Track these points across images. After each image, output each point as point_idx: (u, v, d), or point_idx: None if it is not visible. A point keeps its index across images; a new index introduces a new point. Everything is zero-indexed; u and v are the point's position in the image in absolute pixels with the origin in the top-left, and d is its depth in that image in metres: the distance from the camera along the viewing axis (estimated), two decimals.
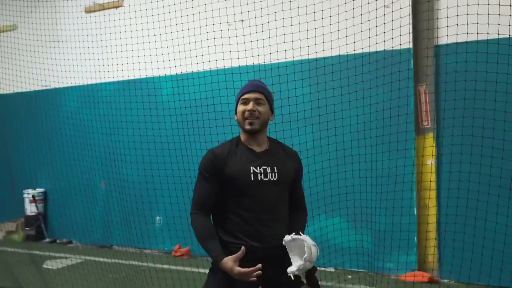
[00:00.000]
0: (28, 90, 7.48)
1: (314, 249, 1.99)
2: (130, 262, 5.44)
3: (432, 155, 4.54)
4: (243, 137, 2.24)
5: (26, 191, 7.33)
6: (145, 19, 5.85)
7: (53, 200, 7.45)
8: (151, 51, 6.09)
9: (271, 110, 2.26)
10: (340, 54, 4.67)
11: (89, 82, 6.92)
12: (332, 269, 5.06)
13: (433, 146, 4.56)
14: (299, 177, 2.34)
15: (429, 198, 4.55)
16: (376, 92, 4.59)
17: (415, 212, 4.67)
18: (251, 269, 1.94)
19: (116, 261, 5.56)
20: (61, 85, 7.10)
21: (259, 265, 1.95)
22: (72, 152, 7.05)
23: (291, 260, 2.01)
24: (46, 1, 7.19)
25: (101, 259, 5.79)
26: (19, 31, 7.57)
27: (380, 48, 4.43)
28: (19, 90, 7.51)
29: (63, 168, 7.23)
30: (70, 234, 7.15)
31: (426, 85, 4.57)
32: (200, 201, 2.14)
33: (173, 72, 5.92)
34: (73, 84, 6.96)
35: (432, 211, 4.55)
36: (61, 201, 7.30)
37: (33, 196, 7.16)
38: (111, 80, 6.52)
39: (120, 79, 6.35)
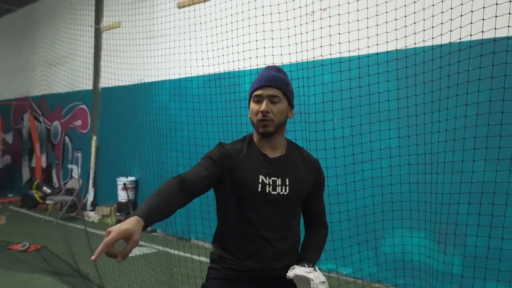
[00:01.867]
0: (127, 84, 7.93)
1: (312, 276, 1.57)
2: (200, 258, 5.38)
3: None
4: (256, 138, 1.86)
5: (119, 179, 7.76)
6: (229, 11, 5.76)
7: (143, 189, 7.79)
8: (238, 47, 5.96)
9: (291, 105, 1.85)
10: (433, 44, 4.00)
11: (178, 77, 7.06)
12: None
13: None
14: (319, 191, 1.92)
15: None
16: (478, 85, 3.82)
17: None
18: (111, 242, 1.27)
19: (187, 255, 5.56)
20: (154, 79, 7.40)
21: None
22: (162, 143, 7.28)
23: None
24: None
25: (174, 252, 5.83)
26: (122, 29, 8.07)
27: (477, 36, 3.66)
28: (120, 84, 8.01)
29: (153, 158, 7.51)
30: (156, 223, 7.39)
31: None
32: (186, 174, 1.69)
33: (254, 66, 5.72)
34: (164, 79, 7.18)
35: None
36: (151, 189, 7.58)
37: (124, 184, 7.56)
38: (199, 74, 6.59)
39: (206, 73, 6.38)
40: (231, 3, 5.81)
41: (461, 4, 3.61)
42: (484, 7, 3.47)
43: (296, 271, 1.63)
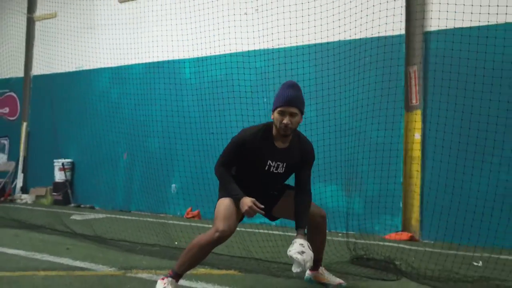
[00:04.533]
0: (63, 71, 8.31)
1: (301, 258, 2.45)
2: (147, 219, 6.11)
3: (418, 129, 5.11)
4: (274, 132, 2.67)
5: (56, 160, 8.09)
6: (169, 6, 6.62)
7: (80, 170, 8.21)
8: (176, 37, 6.80)
9: (302, 114, 2.68)
10: (340, 39, 5.30)
11: (119, 64, 7.64)
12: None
13: (420, 122, 5.12)
14: (306, 167, 2.78)
15: (414, 168, 5.10)
16: (370, 74, 5.21)
17: (401, 180, 5.23)
18: (259, 210, 2.55)
19: (134, 218, 6.24)
20: (93, 67, 7.93)
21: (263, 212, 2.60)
22: (100, 127, 7.81)
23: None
24: None
25: (120, 217, 6.46)
26: (59, 19, 8.44)
27: (376, 34, 5.06)
28: (56, 71, 8.36)
29: (91, 141, 7.99)
30: (94, 200, 7.89)
31: (416, 67, 5.16)
32: (225, 162, 2.70)
33: (194, 55, 6.64)
34: (105, 66, 7.74)
35: (417, 179, 5.10)
36: (87, 170, 8.06)
37: (62, 164, 7.92)
38: (139, 62, 7.29)
39: (147, 61, 7.12)
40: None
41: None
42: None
43: (291, 253, 2.47)
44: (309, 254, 2.50)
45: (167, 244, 4.21)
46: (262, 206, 2.55)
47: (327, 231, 2.97)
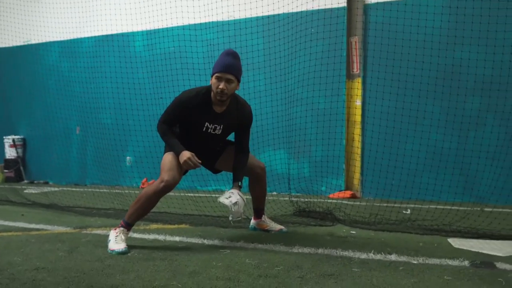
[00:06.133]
0: (9, 45, 8.09)
1: (227, 201, 2.71)
2: (103, 190, 6.21)
3: (359, 96, 5.48)
4: (213, 97, 2.82)
5: (6, 137, 7.95)
6: None
7: (32, 146, 8.11)
8: (125, 10, 6.80)
9: (239, 82, 2.82)
10: (286, 12, 5.54)
11: (68, 37, 7.55)
12: (274, 193, 5.97)
13: (360, 89, 5.49)
14: (244, 129, 2.96)
15: (356, 132, 5.49)
16: (315, 44, 5.50)
17: (344, 144, 5.61)
18: (197, 162, 2.72)
19: (90, 190, 6.31)
20: (41, 40, 7.77)
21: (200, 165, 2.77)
22: (51, 102, 7.73)
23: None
24: None
25: (76, 189, 6.52)
26: None
27: (321, 6, 5.34)
28: (3, 46, 8.12)
29: (42, 116, 7.90)
30: (47, 176, 7.85)
31: (357, 38, 5.50)
32: (166, 120, 2.86)
33: (145, 28, 6.69)
34: (53, 39, 7.61)
35: (358, 142, 5.50)
36: (39, 146, 7.98)
37: (13, 140, 7.80)
38: (89, 35, 7.23)
39: (96, 34, 7.07)
40: None
41: None
42: None
43: (220, 199, 2.74)
44: (236, 198, 2.72)
45: (121, 207, 4.37)
46: (199, 161, 2.74)
47: (274, 192, 3.22)
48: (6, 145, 7.92)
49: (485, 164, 4.83)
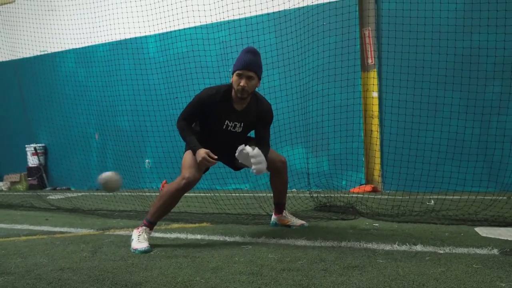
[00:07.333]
0: (27, 56, 8.24)
1: (247, 150, 2.64)
2: (124, 194, 6.26)
3: (375, 87, 5.40)
4: (233, 95, 2.82)
5: (28, 145, 8.10)
6: None
7: (53, 153, 8.26)
8: (137, 13, 6.83)
9: (259, 79, 2.83)
10: (297, 7, 5.50)
11: (83, 45, 7.65)
12: (294, 190, 5.92)
13: (376, 80, 5.41)
14: (264, 126, 2.96)
15: (374, 124, 5.41)
16: (327, 38, 5.44)
17: (362, 137, 5.54)
18: (213, 160, 2.71)
19: (111, 194, 6.37)
20: (57, 50, 7.89)
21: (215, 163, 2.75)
22: (69, 109, 7.85)
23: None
24: None
25: (97, 194, 6.61)
26: (18, 2, 8.31)
27: None
28: (21, 56, 8.27)
29: (61, 124, 8.01)
30: (69, 182, 7.97)
31: (370, 29, 5.42)
32: (185, 116, 2.88)
33: (157, 31, 6.72)
34: (69, 48, 7.73)
35: (376, 134, 5.41)
36: (60, 153, 8.11)
37: (35, 148, 7.95)
38: (103, 42, 7.31)
39: (110, 40, 7.15)
40: None
41: None
42: None
43: (236, 154, 2.69)
44: (251, 149, 2.65)
45: (143, 209, 4.40)
46: (216, 157, 2.72)
47: (294, 189, 3.18)
48: (28, 154, 8.07)
49: (510, 149, 4.69)
